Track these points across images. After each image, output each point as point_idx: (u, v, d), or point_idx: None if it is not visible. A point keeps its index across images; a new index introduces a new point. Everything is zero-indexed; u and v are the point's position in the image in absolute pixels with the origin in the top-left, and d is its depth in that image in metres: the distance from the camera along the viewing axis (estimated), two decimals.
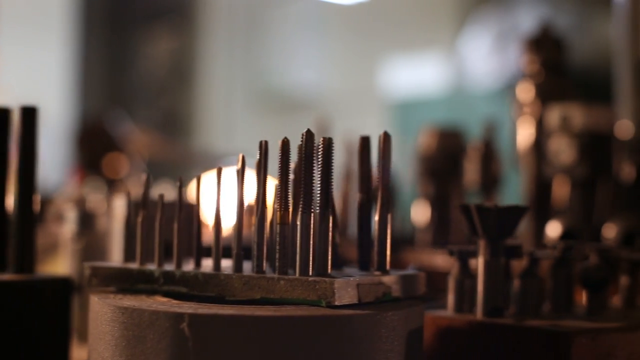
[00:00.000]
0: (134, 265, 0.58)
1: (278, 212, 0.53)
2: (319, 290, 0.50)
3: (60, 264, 0.89)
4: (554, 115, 0.86)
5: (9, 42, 4.49)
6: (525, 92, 0.95)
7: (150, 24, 5.23)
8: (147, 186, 0.60)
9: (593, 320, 0.57)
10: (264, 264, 0.54)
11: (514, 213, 0.57)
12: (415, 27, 3.74)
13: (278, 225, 0.53)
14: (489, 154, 0.95)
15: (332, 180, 0.55)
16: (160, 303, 0.51)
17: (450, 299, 0.60)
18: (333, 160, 0.53)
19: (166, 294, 0.56)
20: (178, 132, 4.85)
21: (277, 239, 0.53)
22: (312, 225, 0.51)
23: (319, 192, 0.53)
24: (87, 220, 0.81)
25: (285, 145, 0.53)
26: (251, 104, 4.61)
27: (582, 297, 0.61)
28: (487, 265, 0.57)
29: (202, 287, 0.54)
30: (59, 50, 4.97)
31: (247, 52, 4.70)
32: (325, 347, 0.47)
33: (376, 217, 0.54)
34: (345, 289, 0.50)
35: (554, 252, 0.62)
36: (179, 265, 0.57)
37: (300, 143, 0.52)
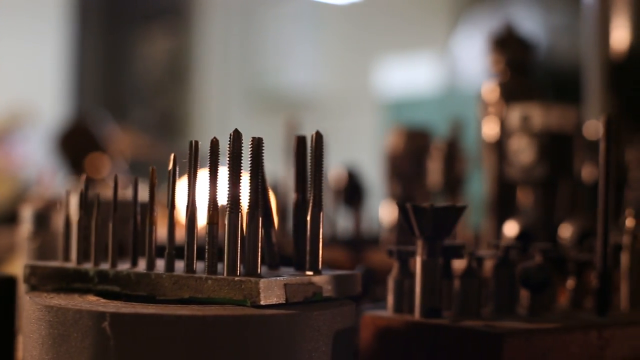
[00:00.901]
0: (70, 265, 0.58)
1: (207, 212, 0.52)
2: (244, 290, 0.49)
3: (18, 264, 0.89)
4: (514, 115, 0.86)
5: (3, 41, 4.50)
6: (490, 92, 0.95)
7: (146, 24, 5.23)
8: (86, 187, 0.60)
9: (531, 322, 0.57)
10: (194, 264, 0.53)
11: (451, 213, 0.56)
12: (409, 27, 3.74)
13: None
14: (452, 154, 0.95)
15: (265, 179, 0.55)
16: (87, 302, 0.51)
17: (390, 299, 0.60)
18: (263, 159, 0.53)
19: (100, 293, 0.55)
20: (174, 132, 4.85)
21: (206, 238, 0.52)
22: (239, 225, 0.51)
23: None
24: (42, 220, 0.81)
25: (214, 145, 0.52)
26: (247, 104, 4.61)
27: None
28: (425, 266, 0.57)
29: (134, 286, 0.54)
30: (55, 50, 4.97)
31: (243, 52, 4.70)
32: (246, 347, 0.47)
33: (308, 217, 0.54)
34: (272, 288, 0.50)
35: (497, 253, 0.61)
36: (114, 264, 0.57)
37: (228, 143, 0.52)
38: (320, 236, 0.54)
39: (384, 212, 1.09)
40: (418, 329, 0.56)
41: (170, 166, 0.54)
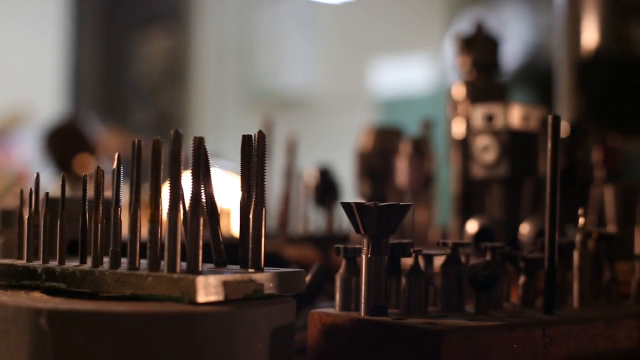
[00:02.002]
0: (20, 262, 0.59)
1: (149, 210, 0.53)
2: (182, 287, 0.50)
3: None
4: (477, 114, 0.86)
5: (2, 41, 4.51)
6: (458, 91, 0.95)
7: (143, 26, 5.25)
8: (37, 184, 0.60)
9: (475, 319, 0.57)
10: (137, 262, 0.54)
11: (395, 211, 0.57)
12: (404, 27, 3.74)
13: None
14: (418, 153, 0.95)
15: (209, 178, 0.55)
16: (29, 298, 0.52)
17: (337, 297, 0.60)
18: (205, 158, 0.53)
19: (47, 290, 0.56)
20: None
21: (148, 236, 0.53)
22: (179, 223, 0.52)
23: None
24: (7, 217, 0.82)
25: (156, 144, 0.53)
26: (243, 103, 4.62)
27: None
28: (369, 263, 0.57)
29: (79, 283, 0.55)
30: (53, 51, 4.98)
31: (239, 53, 4.71)
32: (180, 343, 0.47)
33: (250, 215, 0.54)
34: (209, 286, 0.50)
35: (445, 250, 0.62)
36: (61, 262, 0.57)
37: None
38: (263, 234, 0.54)
39: None
40: (362, 326, 0.56)
41: (115, 165, 0.55)
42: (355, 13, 4.05)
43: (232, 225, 1.16)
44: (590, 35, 1.04)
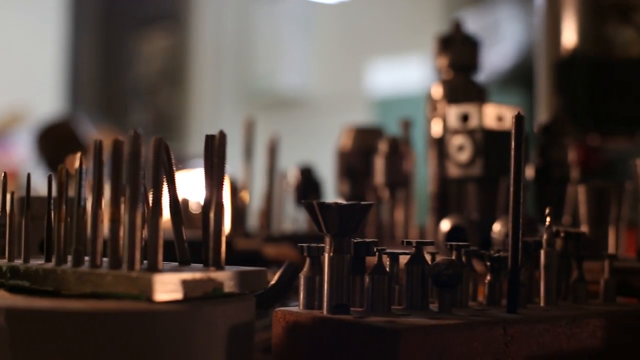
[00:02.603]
0: None
1: (109, 210, 0.53)
2: (140, 285, 0.50)
3: None
4: (452, 114, 0.86)
5: (1, 42, 4.52)
6: (436, 91, 0.96)
7: (141, 27, 5.26)
8: (4, 185, 0.61)
9: (437, 318, 0.57)
10: (98, 260, 0.54)
11: (357, 210, 0.57)
12: (401, 28, 3.74)
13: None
14: (396, 152, 0.96)
15: (172, 178, 0.56)
16: None
17: (301, 295, 0.60)
18: (168, 159, 0.54)
19: (12, 288, 0.56)
20: (169, 134, 4.86)
21: (109, 235, 0.53)
22: (138, 222, 0.52)
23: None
24: None
25: (116, 144, 0.53)
26: (241, 103, 4.62)
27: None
28: (332, 262, 0.58)
29: (42, 281, 0.55)
30: (51, 53, 4.99)
31: (237, 53, 4.72)
32: (136, 342, 0.48)
33: (211, 215, 0.55)
34: (167, 284, 0.50)
35: (409, 249, 0.62)
36: (26, 260, 0.58)
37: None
38: (223, 232, 0.55)
39: None
40: (323, 324, 0.57)
41: (77, 164, 0.55)
42: (352, 13, 4.06)
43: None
44: (569, 36, 1.04)
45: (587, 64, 1.03)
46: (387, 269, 0.62)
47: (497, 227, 0.79)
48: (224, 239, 0.55)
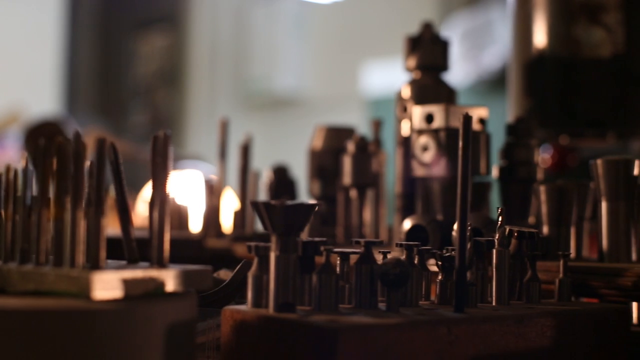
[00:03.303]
0: None
1: (53, 209, 0.54)
2: (79, 283, 0.51)
3: None
4: (417, 114, 0.87)
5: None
6: (405, 91, 0.96)
7: (138, 29, 5.27)
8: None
9: (381, 317, 0.58)
10: (43, 257, 0.55)
11: (301, 210, 0.58)
12: (395, 29, 3.74)
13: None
14: (364, 152, 0.96)
15: (120, 177, 0.56)
16: None
17: (249, 294, 0.61)
18: (115, 159, 0.54)
19: None
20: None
21: (53, 233, 0.54)
22: (80, 220, 0.52)
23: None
24: None
25: (60, 147, 0.54)
26: (237, 104, 4.64)
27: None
28: (278, 261, 0.58)
29: None
30: (49, 54, 5.00)
31: (233, 54, 4.74)
32: (75, 339, 0.48)
33: (155, 214, 0.55)
34: (106, 283, 0.51)
35: (358, 249, 0.63)
36: None
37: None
38: (165, 232, 0.55)
39: None
40: (268, 323, 0.57)
41: (23, 164, 0.56)
42: (347, 14, 4.06)
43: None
44: (539, 36, 1.04)
45: (556, 65, 1.03)
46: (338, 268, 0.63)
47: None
48: (167, 237, 0.55)
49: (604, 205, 0.78)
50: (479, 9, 3.20)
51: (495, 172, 0.92)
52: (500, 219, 0.67)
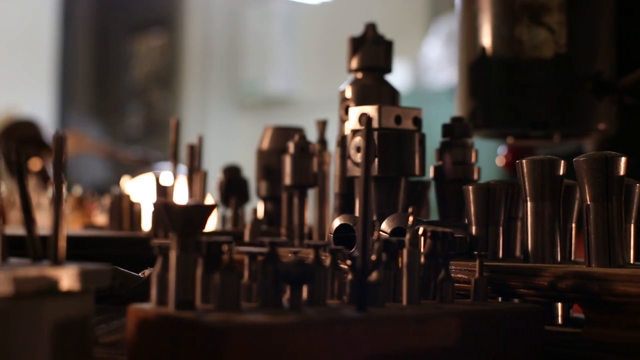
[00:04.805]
0: None
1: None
2: None
3: None
4: (353, 115, 0.87)
5: None
6: (347, 91, 0.96)
7: (133, 32, 5.29)
8: None
9: (278, 316, 0.58)
10: None
11: (200, 210, 0.58)
12: (385, 32, 3.75)
13: None
14: (304, 152, 0.96)
15: (23, 178, 0.57)
16: None
17: (153, 292, 0.61)
18: (18, 160, 0.55)
19: None
20: (159, 136, 4.88)
21: None
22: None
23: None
24: None
25: None
26: (230, 106, 4.65)
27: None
28: (178, 260, 0.59)
29: None
30: (44, 57, 5.02)
31: (226, 56, 4.75)
32: None
33: (52, 211, 0.56)
34: None
35: (263, 248, 0.63)
36: None
37: None
38: (61, 230, 0.56)
39: (258, 209, 1.10)
40: (165, 321, 0.58)
41: None
42: (338, 17, 4.07)
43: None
44: (483, 36, 1.04)
45: (500, 65, 1.03)
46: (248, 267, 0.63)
47: (383, 225, 0.80)
48: (63, 235, 0.56)
49: (529, 205, 0.78)
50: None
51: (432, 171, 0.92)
52: (411, 219, 0.67)
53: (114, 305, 0.70)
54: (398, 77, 3.65)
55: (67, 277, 0.55)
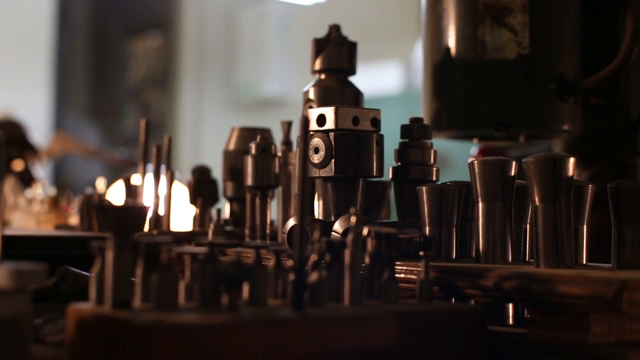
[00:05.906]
0: None
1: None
2: None
3: None
4: (311, 115, 0.88)
5: None
6: (311, 92, 0.97)
7: (130, 34, 5.31)
8: None
9: (212, 315, 0.58)
10: None
11: (136, 212, 0.59)
12: (379, 34, 3.76)
13: None
14: (265, 153, 0.97)
15: None
16: None
17: (92, 292, 0.62)
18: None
19: None
20: (155, 137, 4.89)
21: None
22: None
23: None
24: None
25: None
26: (226, 107, 4.66)
27: None
28: (115, 260, 0.59)
29: None
30: (41, 59, 5.03)
31: (222, 58, 4.76)
32: None
33: None
34: None
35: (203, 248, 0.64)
36: None
37: None
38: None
39: (226, 209, 1.11)
40: (102, 320, 0.58)
41: None
42: (331, 19, 4.08)
43: None
44: (448, 37, 1.05)
45: (464, 66, 1.03)
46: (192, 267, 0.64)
47: (335, 226, 0.80)
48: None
49: (480, 206, 0.78)
50: None
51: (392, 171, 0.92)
52: (353, 219, 0.68)
53: (61, 305, 0.70)
54: (390, 79, 3.66)
55: (2, 277, 0.56)
